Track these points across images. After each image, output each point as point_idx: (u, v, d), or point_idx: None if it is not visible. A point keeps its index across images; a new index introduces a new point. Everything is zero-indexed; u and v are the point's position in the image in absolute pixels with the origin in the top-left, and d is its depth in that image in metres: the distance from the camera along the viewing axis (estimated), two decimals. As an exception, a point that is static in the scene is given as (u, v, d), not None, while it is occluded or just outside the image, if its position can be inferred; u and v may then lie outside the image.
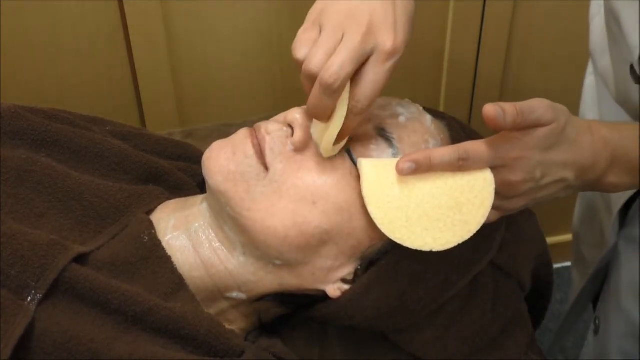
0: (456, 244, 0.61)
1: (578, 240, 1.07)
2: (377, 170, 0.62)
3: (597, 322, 0.93)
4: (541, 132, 0.61)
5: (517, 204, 0.64)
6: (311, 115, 0.62)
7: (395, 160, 0.61)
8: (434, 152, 0.61)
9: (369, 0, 0.59)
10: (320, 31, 0.59)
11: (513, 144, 0.61)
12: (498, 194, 0.62)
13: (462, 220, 0.61)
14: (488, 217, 0.62)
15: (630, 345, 0.87)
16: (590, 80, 0.96)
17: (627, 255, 0.86)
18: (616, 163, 0.65)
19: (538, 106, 0.60)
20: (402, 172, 0.60)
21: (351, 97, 0.59)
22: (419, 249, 0.61)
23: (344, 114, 0.59)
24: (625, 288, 0.86)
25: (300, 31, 0.61)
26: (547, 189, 0.64)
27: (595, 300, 0.98)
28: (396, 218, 0.61)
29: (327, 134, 0.61)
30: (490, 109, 0.58)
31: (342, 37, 0.58)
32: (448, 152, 0.60)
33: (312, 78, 0.58)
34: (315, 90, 0.58)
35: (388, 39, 0.58)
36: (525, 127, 0.60)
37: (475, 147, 0.61)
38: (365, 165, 0.62)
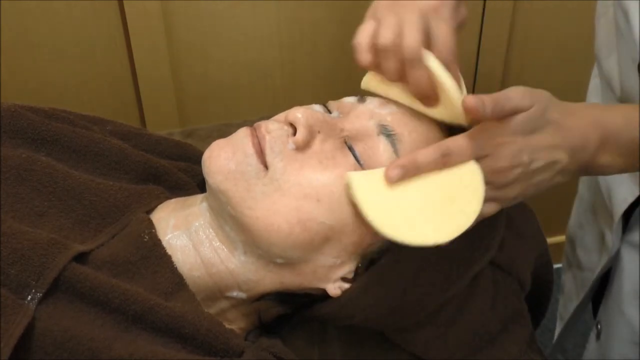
0: (458, 233, 0.61)
1: (573, 244, 1.06)
2: (367, 179, 0.63)
3: (599, 327, 0.93)
4: (519, 117, 0.62)
5: (512, 192, 0.64)
6: (417, 94, 0.64)
7: (380, 170, 0.62)
8: (417, 154, 0.62)
9: None
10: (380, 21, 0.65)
11: (492, 132, 0.62)
12: (490, 183, 0.62)
13: (459, 211, 0.62)
14: (488, 210, 0.62)
15: (632, 352, 0.87)
16: (594, 83, 0.96)
17: (629, 261, 0.86)
18: (608, 144, 0.65)
19: (514, 93, 0.62)
20: (391, 180, 0.61)
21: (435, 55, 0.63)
22: (422, 244, 0.61)
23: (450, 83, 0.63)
24: (628, 294, 0.86)
25: (361, 27, 0.66)
26: (540, 174, 0.64)
27: (595, 303, 0.98)
28: (395, 219, 0.61)
29: (452, 98, 0.63)
30: (472, 100, 0.60)
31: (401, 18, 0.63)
32: (431, 151, 0.62)
33: (387, 54, 0.63)
34: (407, 69, 0.63)
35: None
36: (503, 115, 0.62)
37: (456, 141, 0.62)
38: (354, 176, 0.63)
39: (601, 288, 0.95)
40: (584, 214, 1.02)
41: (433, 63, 0.62)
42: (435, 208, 0.62)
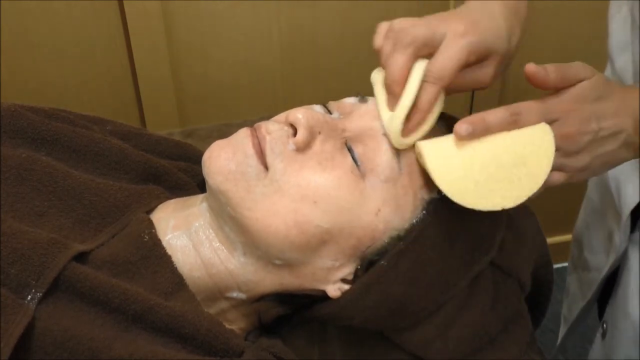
0: (526, 197, 0.61)
1: (580, 246, 1.05)
2: (436, 146, 0.63)
3: (604, 326, 0.93)
4: (585, 84, 0.63)
5: (580, 162, 0.64)
6: (389, 88, 0.64)
7: (449, 136, 0.62)
8: (485, 113, 0.62)
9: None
10: None
11: (561, 97, 0.63)
12: (559, 149, 0.62)
13: (528, 174, 0.61)
14: (555, 179, 0.63)
15: (635, 353, 0.86)
16: None
17: (635, 261, 0.86)
18: None
19: (574, 64, 0.63)
20: (460, 136, 0.61)
21: (426, 69, 0.63)
22: (491, 209, 0.61)
23: (413, 92, 0.62)
24: (633, 294, 0.85)
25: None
26: (607, 143, 0.64)
27: (601, 303, 0.98)
28: (464, 185, 0.61)
29: (397, 111, 0.62)
30: (532, 66, 0.61)
31: None
32: (500, 110, 0.62)
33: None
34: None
35: (460, 25, 0.62)
36: (567, 82, 0.63)
37: (526, 103, 0.63)
38: (424, 144, 0.63)
39: (606, 288, 0.94)
40: (592, 215, 1.02)
41: (416, 69, 0.63)
42: (504, 172, 0.61)
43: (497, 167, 0.61)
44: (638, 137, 0.64)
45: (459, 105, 1.40)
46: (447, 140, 0.63)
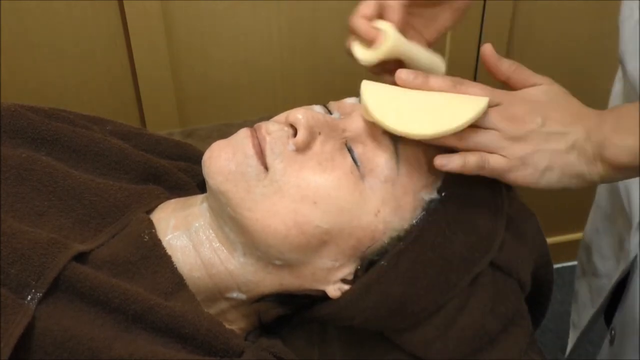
0: (439, 131, 0.61)
1: (589, 251, 1.04)
2: (380, 85, 0.66)
3: (612, 332, 0.92)
4: (538, 87, 0.64)
5: (522, 149, 0.62)
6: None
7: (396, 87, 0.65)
8: (430, 76, 0.64)
9: None
10: None
11: (510, 92, 0.64)
12: (500, 130, 0.61)
13: (452, 114, 0.62)
14: (495, 162, 0.62)
15: None
16: (618, 87, 0.94)
17: None
18: (623, 119, 0.62)
19: (537, 74, 0.65)
20: (399, 79, 0.64)
21: None
22: (405, 134, 0.62)
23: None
24: None
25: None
26: (554, 140, 0.62)
27: (609, 309, 0.97)
28: (389, 110, 0.63)
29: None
30: (489, 48, 0.64)
31: None
32: (445, 77, 0.64)
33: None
34: None
35: None
36: (518, 79, 0.64)
37: (474, 82, 0.64)
38: (368, 82, 0.66)
39: (614, 294, 0.94)
40: (601, 220, 1.00)
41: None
42: (430, 108, 0.63)
43: (425, 106, 0.63)
44: (590, 145, 0.62)
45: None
46: (392, 87, 0.65)
